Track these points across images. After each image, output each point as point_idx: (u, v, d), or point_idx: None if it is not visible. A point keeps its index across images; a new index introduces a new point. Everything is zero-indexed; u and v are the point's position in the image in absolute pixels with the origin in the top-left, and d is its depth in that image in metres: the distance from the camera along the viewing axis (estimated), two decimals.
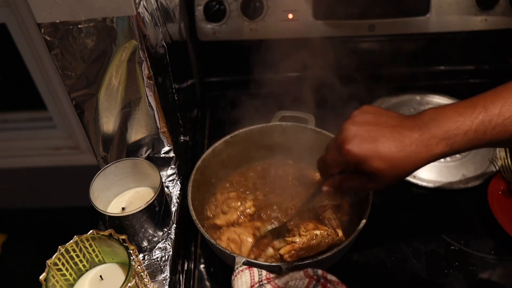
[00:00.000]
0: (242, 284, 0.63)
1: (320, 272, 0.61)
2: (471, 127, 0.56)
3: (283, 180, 0.89)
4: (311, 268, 0.62)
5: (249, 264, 0.66)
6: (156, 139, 0.78)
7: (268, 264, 0.66)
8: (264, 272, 0.65)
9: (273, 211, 0.82)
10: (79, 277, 0.64)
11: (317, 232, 0.73)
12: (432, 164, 0.95)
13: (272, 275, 0.64)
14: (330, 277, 0.61)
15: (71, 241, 0.60)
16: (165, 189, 0.82)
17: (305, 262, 0.66)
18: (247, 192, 0.87)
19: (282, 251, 0.72)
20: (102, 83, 0.68)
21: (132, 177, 0.77)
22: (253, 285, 0.63)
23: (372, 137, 0.58)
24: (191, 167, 0.82)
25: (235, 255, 0.66)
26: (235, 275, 0.64)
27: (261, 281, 0.63)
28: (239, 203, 0.82)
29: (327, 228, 0.75)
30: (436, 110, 0.60)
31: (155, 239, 0.74)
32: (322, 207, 0.78)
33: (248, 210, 0.81)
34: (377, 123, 0.60)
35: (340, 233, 0.75)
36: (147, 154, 0.80)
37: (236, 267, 0.65)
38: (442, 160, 0.96)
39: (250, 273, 0.64)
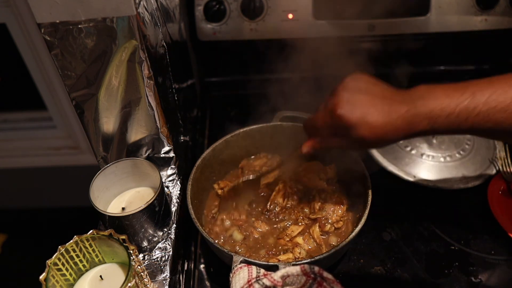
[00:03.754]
0: (240, 279, 0.64)
1: (316, 269, 0.61)
2: (454, 111, 0.58)
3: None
4: (307, 264, 0.62)
5: (247, 263, 0.66)
6: (156, 139, 0.78)
7: (266, 263, 0.66)
8: (262, 270, 0.65)
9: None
10: (79, 277, 0.64)
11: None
12: (432, 164, 0.96)
13: (270, 272, 0.65)
14: (326, 274, 0.61)
15: (71, 241, 0.60)
16: (165, 189, 0.82)
17: (303, 261, 0.66)
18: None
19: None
20: (102, 83, 0.68)
21: (132, 177, 0.77)
22: (250, 280, 0.63)
23: (363, 106, 0.61)
24: (191, 167, 0.82)
25: (232, 254, 0.66)
26: (234, 272, 0.65)
27: (258, 276, 0.64)
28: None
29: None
30: (427, 87, 0.61)
31: (155, 239, 0.74)
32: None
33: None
34: (369, 93, 0.63)
35: (324, 249, 0.76)
36: (147, 154, 0.80)
37: (234, 264, 0.65)
38: (442, 159, 0.96)
39: (248, 270, 0.64)
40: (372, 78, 0.66)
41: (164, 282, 0.69)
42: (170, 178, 0.84)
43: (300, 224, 0.79)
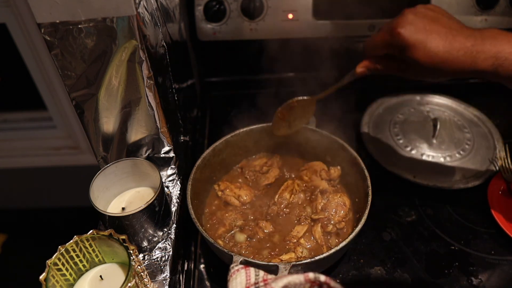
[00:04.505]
0: (237, 284, 0.61)
1: (323, 278, 0.56)
2: None
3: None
4: (312, 273, 0.57)
5: (247, 263, 0.65)
6: (156, 139, 0.78)
7: (266, 263, 0.65)
8: (261, 273, 0.63)
9: None
10: (79, 277, 0.64)
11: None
12: (432, 164, 0.96)
13: (269, 277, 0.62)
14: (334, 284, 0.56)
15: (71, 241, 0.60)
16: (165, 189, 0.82)
17: (303, 262, 0.66)
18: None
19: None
20: (102, 83, 0.68)
21: (132, 177, 0.77)
22: (248, 287, 0.60)
23: (425, 30, 0.60)
24: (191, 167, 0.82)
25: (232, 254, 0.66)
26: (231, 275, 0.63)
27: (257, 282, 0.61)
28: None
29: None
30: (500, 31, 0.60)
31: (155, 239, 0.74)
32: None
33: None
34: (437, 21, 0.62)
35: (324, 249, 0.76)
36: (147, 154, 0.80)
37: (231, 266, 0.64)
38: (442, 160, 0.96)
39: (246, 273, 0.62)
40: (443, 11, 0.65)
41: (164, 282, 0.69)
42: (170, 178, 0.84)
43: (303, 224, 0.79)
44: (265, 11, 1.06)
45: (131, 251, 0.59)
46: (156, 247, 0.74)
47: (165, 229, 0.76)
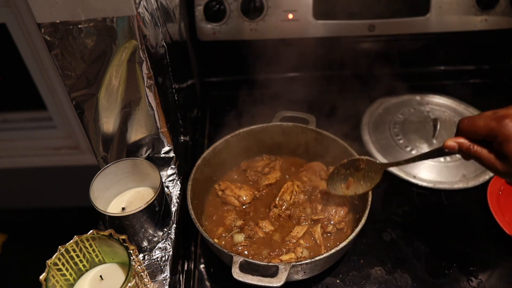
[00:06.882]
0: None
1: None
2: None
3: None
4: None
5: (246, 264, 0.65)
6: (156, 139, 0.78)
7: (265, 264, 0.65)
8: None
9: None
10: (79, 277, 0.64)
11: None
12: (432, 164, 0.96)
13: None
14: None
15: (71, 241, 0.60)
16: (165, 189, 0.82)
17: (303, 262, 0.66)
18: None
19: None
20: (102, 83, 0.68)
21: (132, 177, 0.77)
22: None
23: None
24: (191, 167, 0.82)
25: (232, 254, 0.66)
26: None
27: None
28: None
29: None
30: None
31: (155, 239, 0.74)
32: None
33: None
34: None
35: (322, 250, 0.76)
36: (147, 154, 0.80)
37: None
38: (442, 160, 0.96)
39: None
40: None
41: (164, 282, 0.69)
42: (170, 178, 0.84)
43: (302, 224, 0.79)
44: (265, 11, 1.06)
45: (131, 251, 0.59)
46: (156, 247, 0.74)
47: (165, 229, 0.76)
